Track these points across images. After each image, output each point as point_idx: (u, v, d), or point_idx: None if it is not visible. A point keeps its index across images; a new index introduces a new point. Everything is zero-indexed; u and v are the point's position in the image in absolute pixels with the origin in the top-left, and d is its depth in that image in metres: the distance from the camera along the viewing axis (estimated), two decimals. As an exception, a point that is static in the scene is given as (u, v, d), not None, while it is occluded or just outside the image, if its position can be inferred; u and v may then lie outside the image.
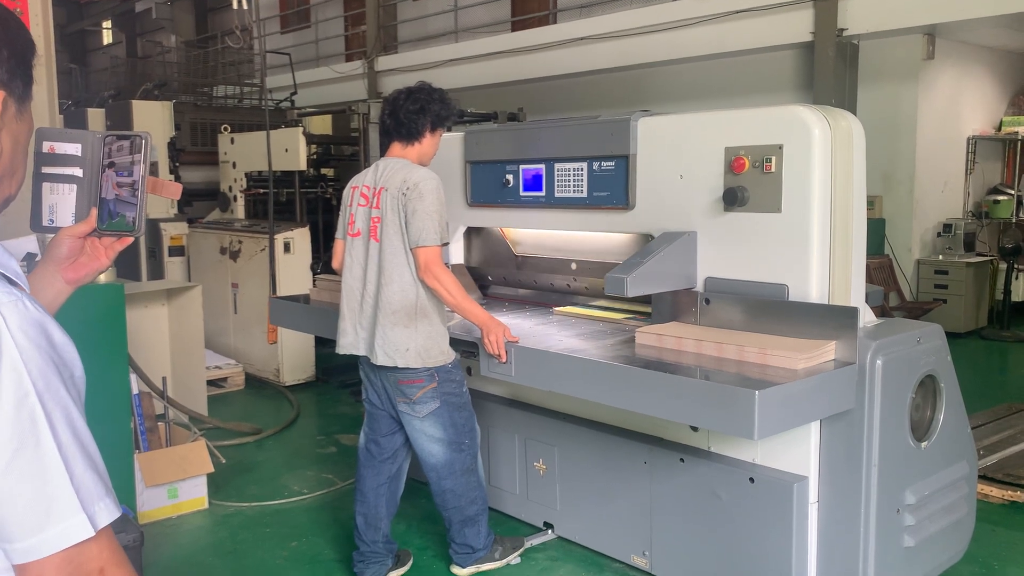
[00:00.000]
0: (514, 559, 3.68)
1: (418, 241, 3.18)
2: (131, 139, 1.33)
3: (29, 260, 3.27)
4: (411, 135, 3.35)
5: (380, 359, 3.27)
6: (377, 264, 3.29)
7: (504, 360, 3.28)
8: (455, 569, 3.63)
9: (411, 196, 3.19)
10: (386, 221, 3.26)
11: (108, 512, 1.00)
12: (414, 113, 3.33)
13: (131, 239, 1.35)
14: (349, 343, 3.40)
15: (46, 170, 1.32)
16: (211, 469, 4.42)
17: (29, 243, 3.33)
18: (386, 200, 3.26)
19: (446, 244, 3.29)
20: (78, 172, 1.32)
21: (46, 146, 1.31)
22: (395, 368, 3.27)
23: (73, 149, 1.32)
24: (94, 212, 1.32)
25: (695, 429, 3.28)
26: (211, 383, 6.37)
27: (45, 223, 1.33)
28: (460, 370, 3.41)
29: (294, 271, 6.74)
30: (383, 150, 3.49)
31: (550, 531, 3.91)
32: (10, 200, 1.16)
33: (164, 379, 4.90)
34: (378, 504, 3.54)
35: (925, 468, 3.11)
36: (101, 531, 0.99)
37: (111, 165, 1.32)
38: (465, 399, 3.43)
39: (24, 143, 1.15)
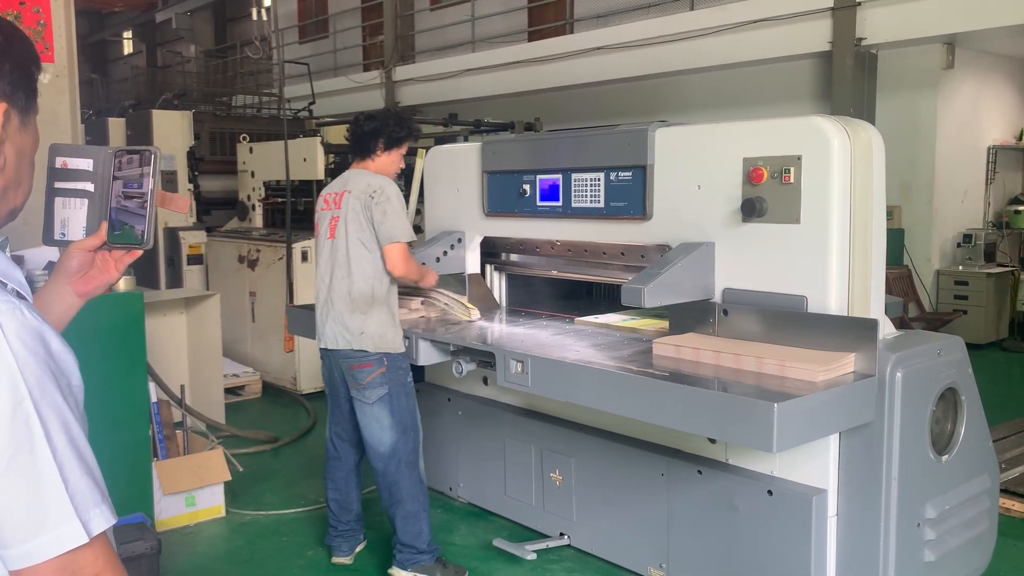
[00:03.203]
0: None
1: (392, 238, 3.50)
2: (141, 153, 1.34)
3: (51, 269, 3.30)
4: (365, 152, 3.70)
5: (340, 343, 3.57)
6: (338, 258, 3.58)
7: (430, 284, 3.88)
8: (393, 571, 3.68)
9: (379, 199, 3.51)
10: (347, 219, 3.55)
11: (103, 519, 1.01)
12: (368, 133, 3.68)
13: (140, 252, 1.36)
14: (319, 336, 3.70)
15: (58, 185, 1.33)
16: (228, 477, 4.44)
17: (51, 252, 3.37)
18: (348, 201, 3.57)
19: (412, 242, 3.63)
20: (89, 187, 1.33)
21: (59, 161, 1.33)
22: (348, 354, 3.56)
23: (85, 164, 1.33)
24: (104, 225, 1.33)
25: (713, 441, 3.26)
26: (228, 391, 6.40)
27: (57, 237, 1.34)
28: (407, 361, 3.65)
29: (311, 280, 6.73)
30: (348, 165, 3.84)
31: (566, 536, 3.89)
32: (16, 212, 1.17)
33: (182, 387, 4.93)
34: (349, 489, 3.87)
35: (946, 482, 3.08)
36: (96, 538, 0.99)
37: (121, 179, 1.33)
38: (410, 388, 3.66)
39: (30, 155, 1.16)
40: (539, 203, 3.92)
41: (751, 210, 3.04)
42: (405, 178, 7.92)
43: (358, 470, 3.89)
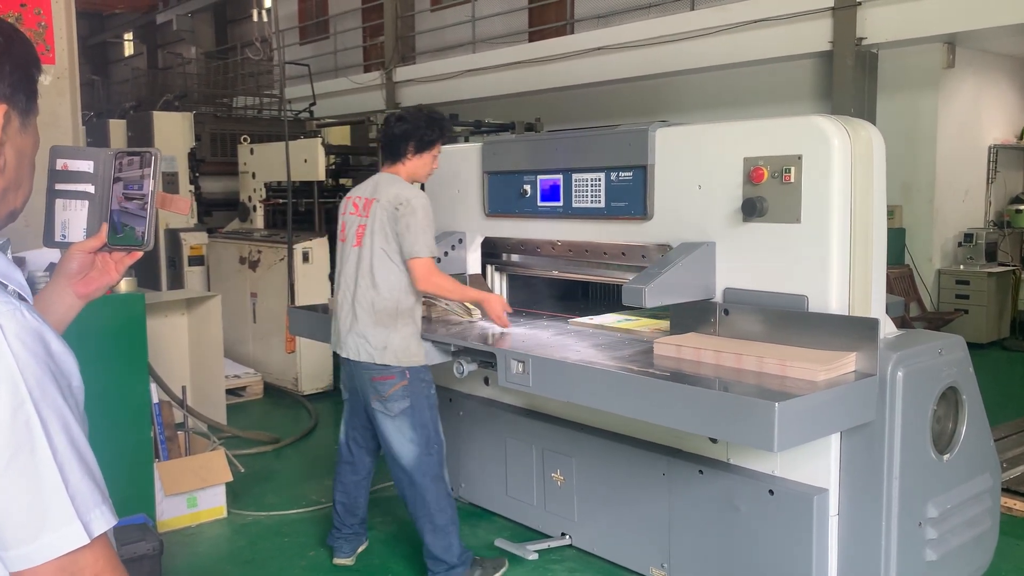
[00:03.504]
0: None
1: (412, 253, 3.42)
2: (141, 155, 1.34)
3: (52, 270, 3.30)
4: (395, 155, 3.59)
5: (362, 356, 3.50)
6: (363, 268, 3.50)
7: (507, 326, 3.72)
8: None
9: (404, 211, 3.43)
10: (374, 229, 3.48)
11: (104, 520, 1.01)
12: (399, 136, 3.56)
13: (140, 253, 1.37)
14: (336, 342, 3.64)
15: (59, 187, 1.33)
16: (230, 478, 4.44)
17: (51, 254, 3.37)
18: (376, 210, 3.49)
19: (436, 259, 3.54)
20: (90, 189, 1.33)
21: (59, 163, 1.33)
22: (370, 367, 3.49)
23: (85, 166, 1.33)
24: (104, 227, 1.33)
25: (714, 441, 3.26)
26: (230, 392, 6.41)
27: (57, 239, 1.35)
28: (430, 373, 3.59)
29: (312, 281, 6.77)
30: (380, 167, 3.74)
31: (567, 536, 3.89)
32: (16, 214, 1.17)
33: (184, 388, 4.93)
34: (358, 494, 3.85)
35: (947, 481, 3.08)
36: (97, 539, 0.99)
37: (121, 181, 1.34)
38: (433, 400, 3.59)
39: (30, 156, 1.16)
40: (540, 203, 3.92)
41: (752, 210, 3.04)
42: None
43: (369, 477, 3.85)
